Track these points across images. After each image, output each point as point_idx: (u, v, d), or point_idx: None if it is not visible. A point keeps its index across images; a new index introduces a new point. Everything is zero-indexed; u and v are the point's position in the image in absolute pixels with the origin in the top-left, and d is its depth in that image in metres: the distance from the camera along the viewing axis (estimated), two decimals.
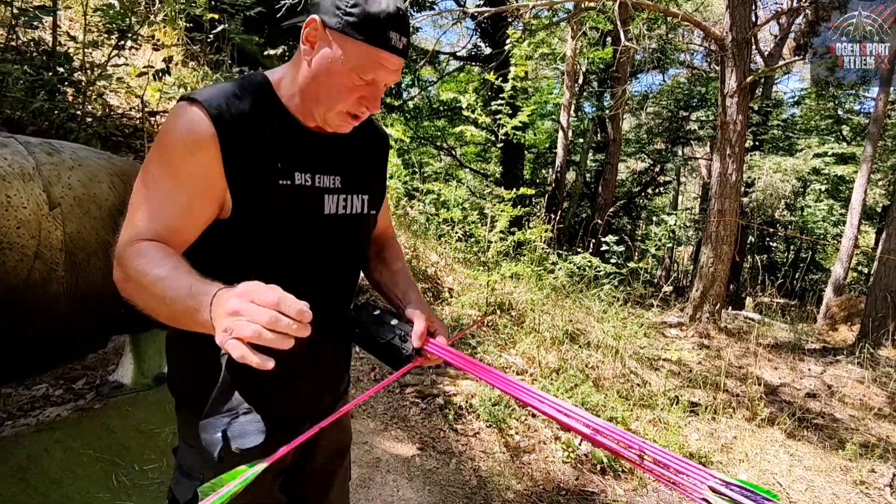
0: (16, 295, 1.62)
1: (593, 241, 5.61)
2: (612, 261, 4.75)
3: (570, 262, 4.57)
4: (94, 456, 1.89)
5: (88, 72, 3.34)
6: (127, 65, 4.28)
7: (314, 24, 0.88)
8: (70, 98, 3.32)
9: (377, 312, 1.03)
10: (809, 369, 5.39)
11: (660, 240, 5.33)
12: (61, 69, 3.27)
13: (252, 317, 0.65)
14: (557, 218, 5.13)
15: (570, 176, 12.34)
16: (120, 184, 1.91)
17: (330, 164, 1.00)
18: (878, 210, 14.95)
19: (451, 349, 0.94)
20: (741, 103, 5.29)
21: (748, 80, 5.18)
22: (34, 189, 1.68)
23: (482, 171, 12.85)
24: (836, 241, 14.65)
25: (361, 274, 1.17)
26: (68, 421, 2.00)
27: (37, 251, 1.64)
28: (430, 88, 13.74)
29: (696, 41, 14.54)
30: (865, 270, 16.68)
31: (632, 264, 4.47)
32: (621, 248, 4.53)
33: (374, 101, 0.92)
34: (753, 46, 6.31)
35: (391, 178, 4.90)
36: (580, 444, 2.97)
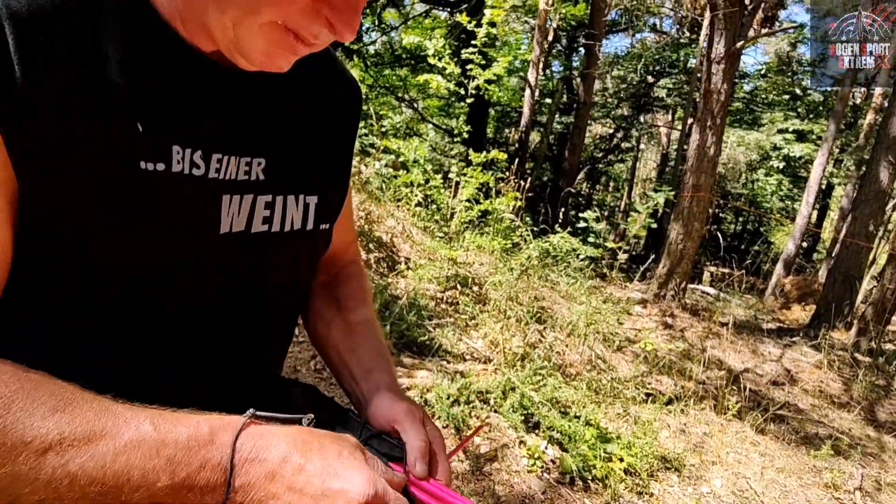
0: None
1: (563, 210, 5.25)
2: (591, 240, 4.40)
3: (545, 242, 4.17)
4: None
5: None
6: None
7: None
8: None
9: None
10: (769, 352, 5.32)
11: (647, 216, 5.00)
12: None
13: None
14: (527, 185, 4.72)
15: (534, 137, 11.89)
16: None
17: (246, 135, 0.50)
18: (824, 188, 15.37)
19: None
20: (728, 71, 4.93)
21: (738, 45, 4.81)
22: None
23: (446, 128, 12.22)
24: (781, 216, 15.03)
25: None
26: None
27: None
28: (392, 33, 12.83)
29: (668, 4, 14.10)
30: (805, 245, 17.35)
31: (611, 244, 4.13)
32: (601, 227, 4.18)
33: (346, 10, 0.44)
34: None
35: None
36: (546, 449, 2.65)
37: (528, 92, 10.52)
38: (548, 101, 12.16)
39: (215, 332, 0.53)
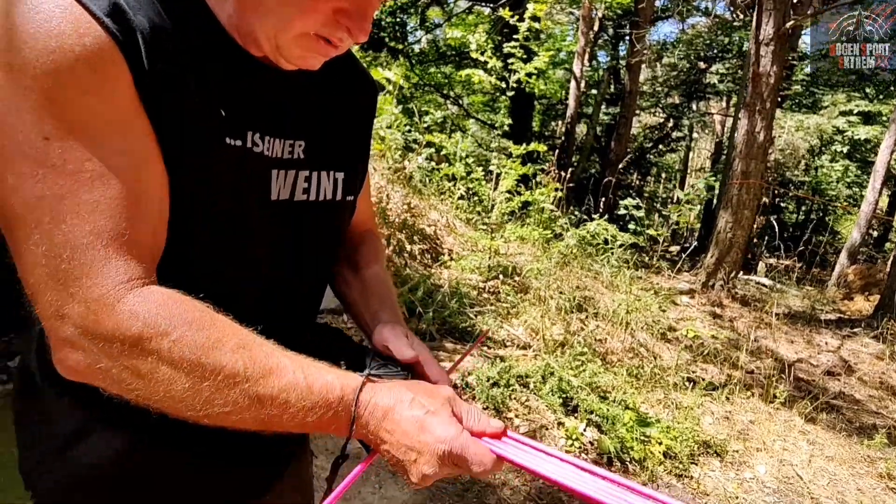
0: None
1: (603, 199, 5.24)
2: (630, 227, 4.39)
3: (583, 230, 4.20)
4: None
5: None
6: None
7: None
8: None
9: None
10: (826, 343, 5.13)
11: (682, 203, 4.93)
12: None
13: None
14: (568, 176, 4.74)
15: (580, 129, 11.76)
16: None
17: (290, 122, 0.63)
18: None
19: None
20: (777, 53, 4.78)
21: (788, 25, 4.66)
22: None
23: (489, 122, 12.26)
24: (848, 204, 14.18)
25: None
26: None
27: None
28: (436, 31, 12.98)
29: None
30: (875, 234, 16.27)
31: (651, 232, 4.11)
32: (641, 213, 4.17)
33: (360, 19, 0.55)
34: None
35: (389, 127, 4.48)
36: (584, 431, 2.72)
37: (573, 83, 10.42)
38: (594, 91, 12.00)
39: (267, 284, 0.66)
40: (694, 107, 14.30)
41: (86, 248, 0.47)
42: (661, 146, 14.37)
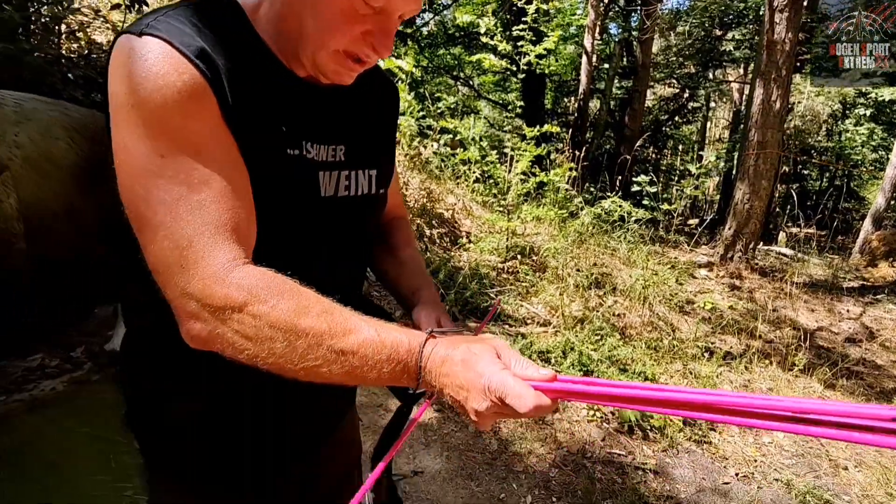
0: None
1: (620, 177, 5.27)
2: (644, 202, 4.43)
3: (597, 207, 4.26)
4: (92, 434, 1.79)
5: (55, 7, 2.98)
6: None
7: None
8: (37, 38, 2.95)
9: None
10: (848, 311, 5.13)
11: (697, 178, 4.94)
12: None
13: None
14: (582, 155, 4.78)
15: (594, 105, 11.65)
16: (81, 140, 1.64)
17: (331, 130, 0.75)
18: None
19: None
20: (792, 19, 4.73)
21: None
22: None
23: (501, 102, 12.21)
24: (874, 168, 13.83)
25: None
26: (63, 395, 1.89)
27: None
28: (444, 13, 12.88)
29: None
30: None
31: (665, 206, 4.15)
32: (654, 189, 4.20)
33: (384, 38, 0.66)
34: None
35: (402, 114, 4.56)
36: None
37: (584, 59, 10.30)
38: (606, 66, 11.84)
39: (319, 269, 0.77)
40: (710, 76, 14.01)
41: (200, 236, 0.58)
42: (676, 118, 14.14)
